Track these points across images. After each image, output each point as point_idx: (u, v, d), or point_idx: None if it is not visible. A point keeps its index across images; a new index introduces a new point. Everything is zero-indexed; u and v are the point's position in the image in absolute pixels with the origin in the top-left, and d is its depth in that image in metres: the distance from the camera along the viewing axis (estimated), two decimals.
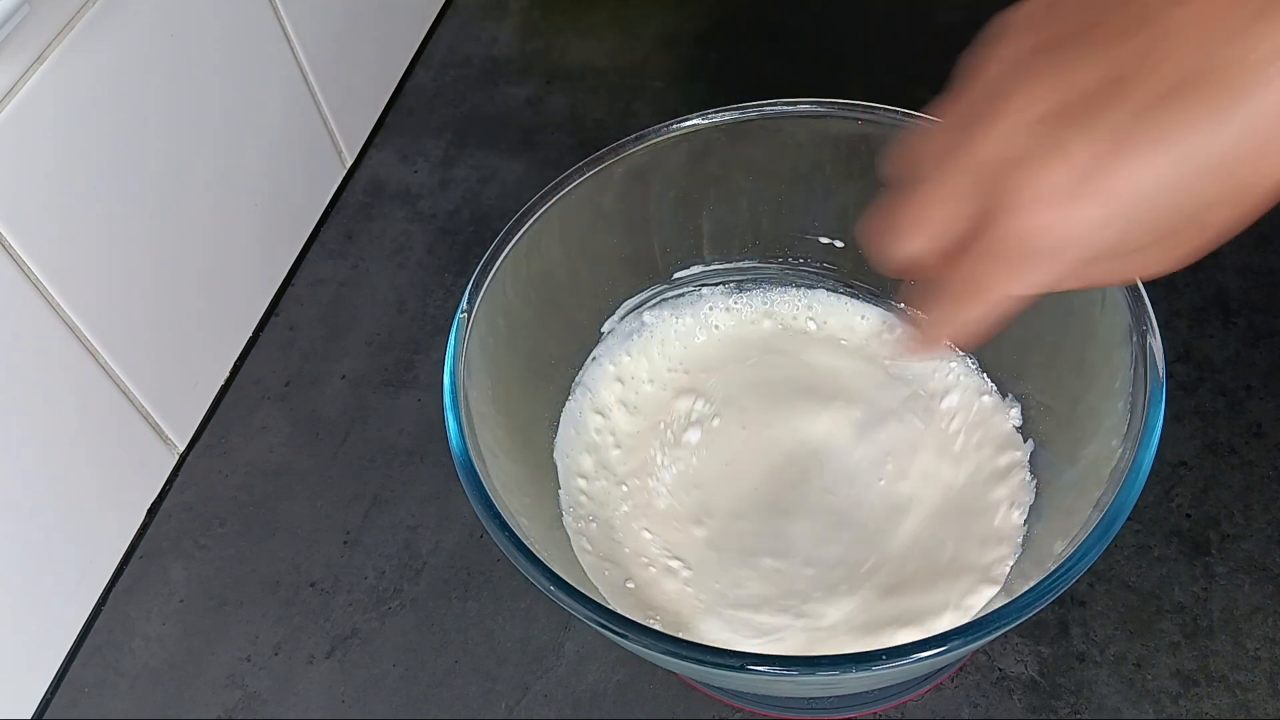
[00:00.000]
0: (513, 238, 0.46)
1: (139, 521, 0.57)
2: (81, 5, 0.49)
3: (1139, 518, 0.52)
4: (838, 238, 0.53)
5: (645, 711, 0.49)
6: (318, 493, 0.58)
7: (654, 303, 0.54)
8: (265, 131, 0.63)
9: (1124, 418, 0.40)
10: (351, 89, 0.71)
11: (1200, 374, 0.56)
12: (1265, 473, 0.53)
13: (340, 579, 0.54)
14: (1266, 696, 0.46)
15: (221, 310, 0.62)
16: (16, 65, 0.46)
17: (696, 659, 0.35)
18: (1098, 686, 0.47)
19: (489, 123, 0.74)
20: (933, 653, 0.34)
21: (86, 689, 0.52)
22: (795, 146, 0.50)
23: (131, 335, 0.54)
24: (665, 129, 0.49)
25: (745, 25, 0.78)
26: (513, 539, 0.38)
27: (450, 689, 0.50)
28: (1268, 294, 0.59)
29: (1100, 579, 0.50)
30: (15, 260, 0.47)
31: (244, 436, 0.60)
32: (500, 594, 0.53)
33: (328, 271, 0.67)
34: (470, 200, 0.70)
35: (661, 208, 0.52)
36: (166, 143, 0.55)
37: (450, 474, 0.50)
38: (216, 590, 0.55)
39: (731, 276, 0.54)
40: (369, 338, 0.64)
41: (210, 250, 0.60)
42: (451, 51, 0.79)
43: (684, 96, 0.74)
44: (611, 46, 0.78)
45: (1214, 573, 0.50)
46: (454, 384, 0.42)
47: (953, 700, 0.48)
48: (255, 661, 0.52)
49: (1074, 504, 0.41)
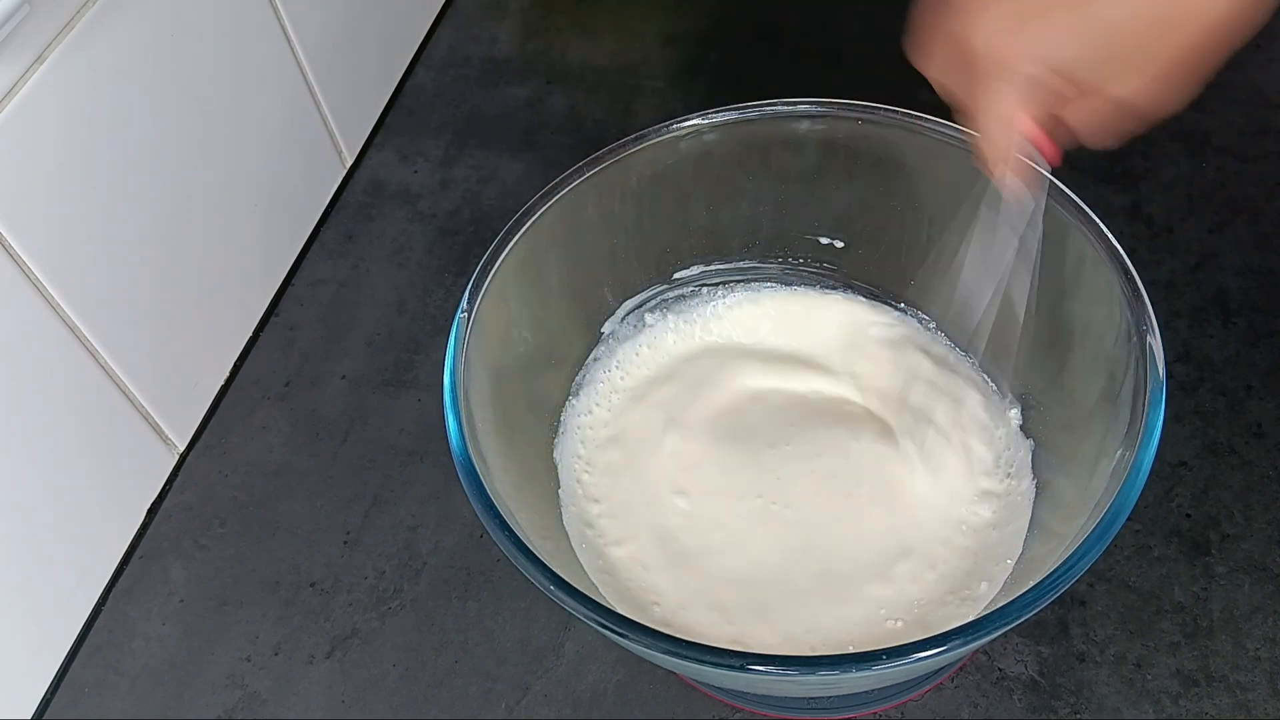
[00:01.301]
0: (513, 238, 0.46)
1: (139, 521, 0.57)
2: (81, 5, 0.49)
3: (1139, 518, 0.52)
4: (838, 238, 0.53)
5: (645, 711, 0.49)
6: (318, 493, 0.58)
7: (654, 303, 0.54)
8: (265, 131, 0.63)
9: (1124, 418, 0.40)
10: (351, 89, 0.71)
11: (1200, 374, 0.56)
12: (1265, 473, 0.53)
13: (340, 579, 0.54)
14: (1266, 696, 0.46)
15: (221, 310, 0.62)
16: (16, 65, 0.46)
17: (696, 659, 0.35)
18: (1098, 686, 0.47)
19: (489, 123, 0.74)
20: (933, 653, 0.34)
21: (86, 689, 0.52)
22: (795, 146, 0.50)
23: (131, 335, 0.54)
24: (665, 129, 0.49)
25: (745, 25, 0.78)
26: (513, 539, 0.38)
27: (450, 689, 0.50)
28: (1268, 294, 0.59)
29: (1100, 579, 0.50)
30: (15, 260, 0.47)
31: (244, 436, 0.60)
32: (500, 594, 0.53)
33: (328, 271, 0.67)
34: (470, 200, 0.70)
35: (661, 208, 0.52)
36: (166, 143, 0.55)
37: (450, 474, 0.50)
38: (216, 590, 0.55)
39: (731, 276, 0.54)
40: (369, 338, 0.64)
41: (210, 250, 0.60)
42: (451, 51, 0.79)
43: (684, 96, 0.74)
44: (611, 46, 0.78)
45: (1214, 573, 0.50)
46: (454, 384, 0.42)
47: (953, 700, 0.48)
48: (255, 661, 0.52)
49: (1074, 504, 0.41)
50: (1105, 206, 0.42)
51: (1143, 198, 0.63)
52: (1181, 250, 0.61)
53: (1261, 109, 0.67)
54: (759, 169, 0.51)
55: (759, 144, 0.50)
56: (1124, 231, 0.55)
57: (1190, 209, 0.63)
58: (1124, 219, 0.62)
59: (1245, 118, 0.67)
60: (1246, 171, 0.64)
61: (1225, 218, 0.62)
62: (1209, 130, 0.67)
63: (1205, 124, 0.67)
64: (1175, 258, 0.61)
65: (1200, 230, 0.62)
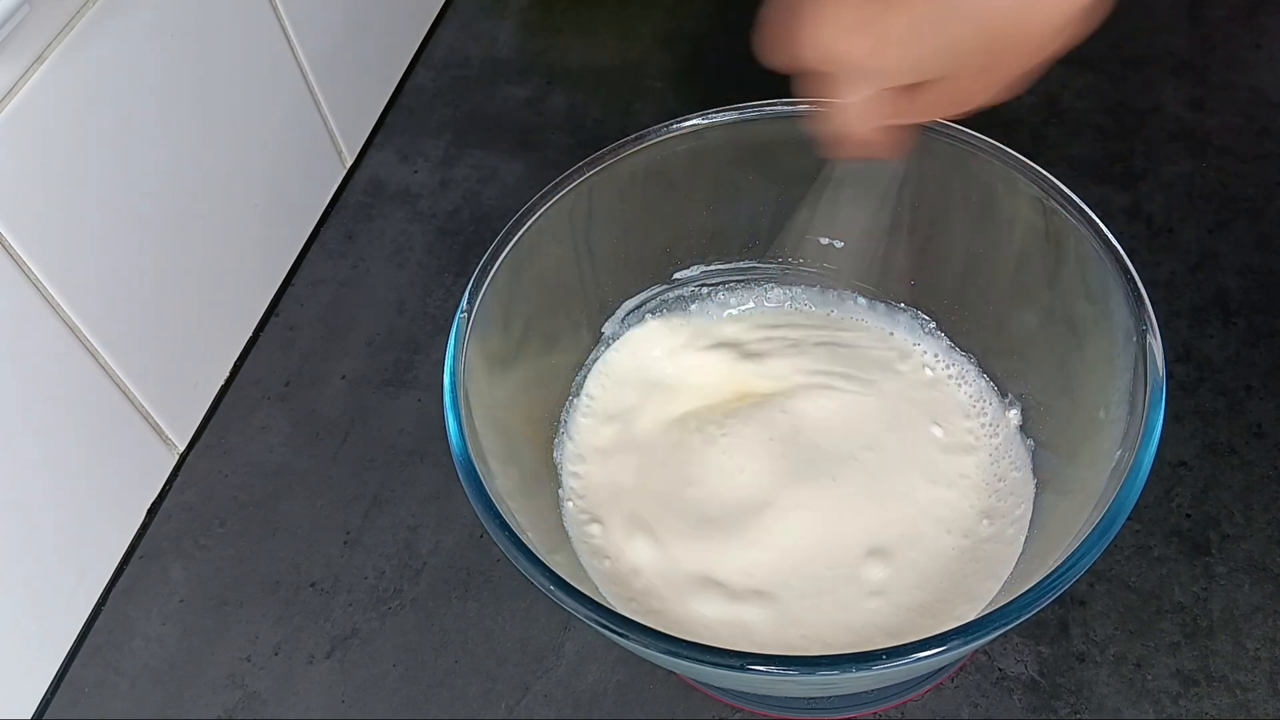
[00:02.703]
0: (513, 238, 0.46)
1: (139, 521, 0.57)
2: (81, 5, 0.49)
3: (1139, 518, 0.52)
4: (838, 238, 0.53)
5: (645, 711, 0.49)
6: (318, 493, 0.58)
7: (654, 303, 0.54)
8: (265, 131, 0.63)
9: (1124, 418, 0.40)
10: (351, 89, 0.71)
11: (1200, 374, 0.56)
12: (1265, 473, 0.53)
13: (340, 579, 0.54)
14: (1266, 696, 0.46)
15: (221, 310, 0.62)
16: (16, 65, 0.46)
17: (696, 659, 0.35)
18: (1098, 686, 0.47)
19: (489, 123, 0.74)
20: (933, 653, 0.34)
21: (86, 689, 0.52)
22: (795, 146, 0.50)
23: (131, 335, 0.54)
24: (665, 129, 0.49)
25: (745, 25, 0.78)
26: (513, 539, 0.38)
27: (450, 689, 0.50)
28: (1268, 294, 0.59)
29: (1100, 579, 0.50)
30: (15, 260, 0.47)
31: (244, 436, 0.60)
32: (500, 594, 0.53)
33: (328, 271, 0.67)
34: (470, 200, 0.70)
35: (661, 207, 0.52)
36: (166, 143, 0.55)
37: (450, 474, 0.50)
38: (216, 590, 0.55)
39: (731, 276, 0.54)
40: (369, 338, 0.64)
41: (210, 250, 0.60)
42: (451, 51, 0.79)
43: (684, 96, 0.74)
44: (611, 46, 0.78)
45: (1214, 573, 0.50)
46: (454, 384, 0.42)
47: (953, 700, 0.48)
48: (255, 661, 0.52)
49: (1074, 504, 0.41)
50: (1105, 206, 0.42)
51: (1143, 198, 0.63)
52: (1181, 250, 0.61)
53: (1261, 109, 0.67)
54: (759, 169, 0.51)
55: (759, 144, 0.50)
56: (1124, 231, 0.55)
57: (1190, 209, 0.63)
58: (1124, 219, 0.62)
59: (1245, 118, 0.67)
60: (1246, 171, 0.64)
61: (1225, 218, 0.62)
62: (1209, 130, 0.67)
63: (1205, 124, 0.67)
64: (1175, 258, 0.61)
65: (1200, 230, 0.62)
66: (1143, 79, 0.70)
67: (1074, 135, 0.67)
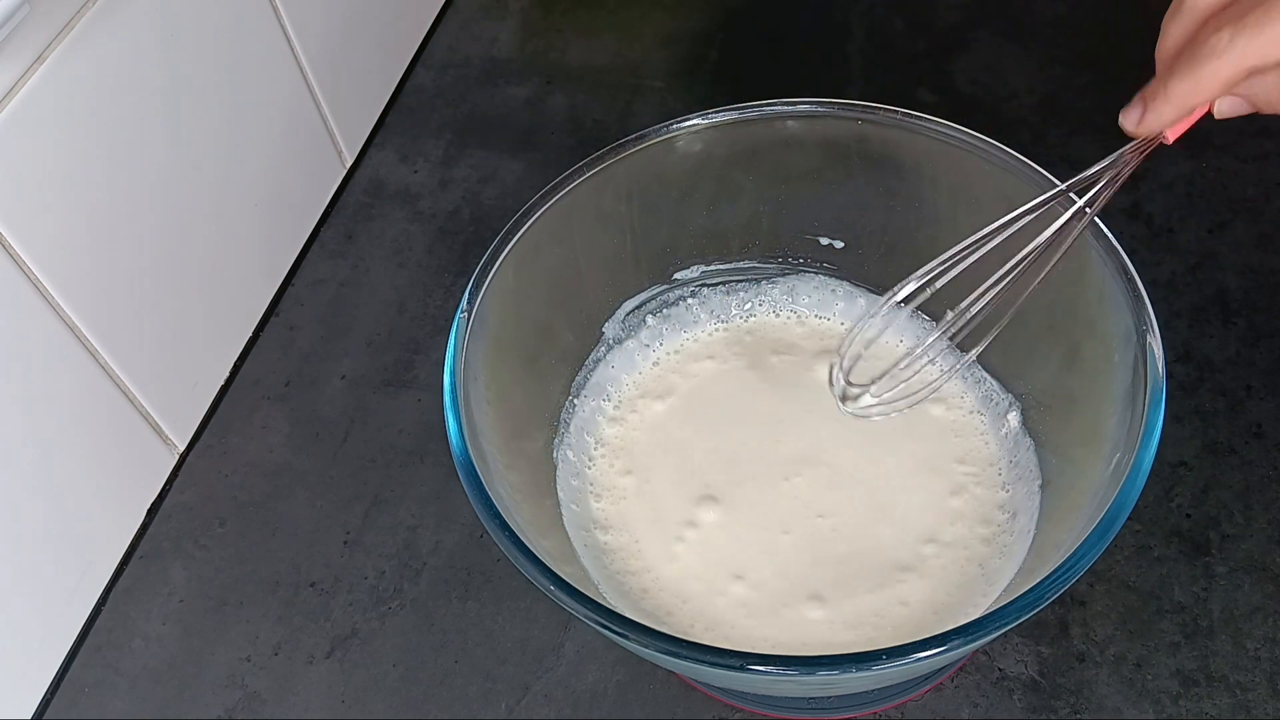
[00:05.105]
0: (513, 238, 0.46)
1: (139, 521, 0.57)
2: (81, 5, 0.49)
3: (1139, 518, 0.52)
4: (838, 238, 0.53)
5: (645, 711, 0.49)
6: (318, 493, 0.58)
7: (654, 303, 0.54)
8: (265, 131, 0.63)
9: (1124, 418, 0.40)
10: (351, 89, 0.71)
11: (1200, 374, 0.56)
12: (1265, 473, 0.53)
13: (340, 579, 0.54)
14: (1266, 696, 0.46)
15: (221, 310, 0.62)
16: (16, 65, 0.46)
17: (696, 659, 0.35)
18: (1098, 686, 0.47)
19: (489, 123, 0.74)
20: (933, 653, 0.34)
21: (86, 689, 0.52)
22: (795, 146, 0.50)
23: (131, 335, 0.54)
24: (665, 129, 0.49)
25: (745, 25, 0.78)
26: (513, 539, 0.38)
27: (450, 689, 0.50)
28: (1268, 294, 0.59)
29: (1100, 579, 0.50)
30: (15, 260, 0.47)
31: (244, 436, 0.60)
32: (500, 594, 0.53)
33: (328, 271, 0.67)
34: (470, 200, 0.70)
35: (661, 208, 0.52)
36: (166, 143, 0.55)
37: (450, 474, 0.50)
38: (216, 590, 0.55)
39: (731, 276, 0.54)
40: (369, 338, 0.64)
41: (210, 250, 0.60)
42: (451, 51, 0.79)
43: (684, 96, 0.74)
44: (611, 46, 0.78)
45: (1214, 573, 0.50)
46: (454, 384, 0.42)
47: (953, 700, 0.48)
48: (255, 661, 0.52)
49: (1074, 504, 0.41)
50: (1105, 207, 0.42)
51: (1143, 198, 0.63)
52: (1181, 250, 0.61)
53: None
54: (759, 169, 0.51)
55: (759, 144, 0.50)
56: (1124, 231, 0.55)
57: (1190, 209, 0.63)
58: (1124, 219, 0.62)
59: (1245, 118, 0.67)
60: (1246, 171, 0.64)
61: (1225, 218, 0.62)
62: (1209, 130, 0.66)
63: (1205, 124, 0.67)
64: (1175, 258, 0.61)
65: (1200, 230, 0.62)
66: (1143, 79, 0.70)
67: (1074, 135, 0.67)
